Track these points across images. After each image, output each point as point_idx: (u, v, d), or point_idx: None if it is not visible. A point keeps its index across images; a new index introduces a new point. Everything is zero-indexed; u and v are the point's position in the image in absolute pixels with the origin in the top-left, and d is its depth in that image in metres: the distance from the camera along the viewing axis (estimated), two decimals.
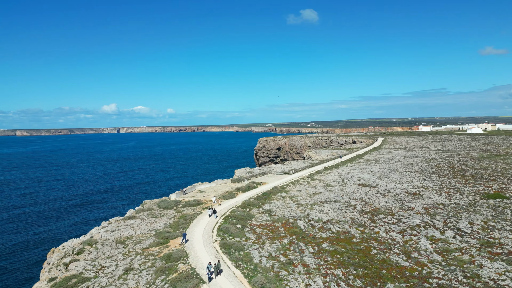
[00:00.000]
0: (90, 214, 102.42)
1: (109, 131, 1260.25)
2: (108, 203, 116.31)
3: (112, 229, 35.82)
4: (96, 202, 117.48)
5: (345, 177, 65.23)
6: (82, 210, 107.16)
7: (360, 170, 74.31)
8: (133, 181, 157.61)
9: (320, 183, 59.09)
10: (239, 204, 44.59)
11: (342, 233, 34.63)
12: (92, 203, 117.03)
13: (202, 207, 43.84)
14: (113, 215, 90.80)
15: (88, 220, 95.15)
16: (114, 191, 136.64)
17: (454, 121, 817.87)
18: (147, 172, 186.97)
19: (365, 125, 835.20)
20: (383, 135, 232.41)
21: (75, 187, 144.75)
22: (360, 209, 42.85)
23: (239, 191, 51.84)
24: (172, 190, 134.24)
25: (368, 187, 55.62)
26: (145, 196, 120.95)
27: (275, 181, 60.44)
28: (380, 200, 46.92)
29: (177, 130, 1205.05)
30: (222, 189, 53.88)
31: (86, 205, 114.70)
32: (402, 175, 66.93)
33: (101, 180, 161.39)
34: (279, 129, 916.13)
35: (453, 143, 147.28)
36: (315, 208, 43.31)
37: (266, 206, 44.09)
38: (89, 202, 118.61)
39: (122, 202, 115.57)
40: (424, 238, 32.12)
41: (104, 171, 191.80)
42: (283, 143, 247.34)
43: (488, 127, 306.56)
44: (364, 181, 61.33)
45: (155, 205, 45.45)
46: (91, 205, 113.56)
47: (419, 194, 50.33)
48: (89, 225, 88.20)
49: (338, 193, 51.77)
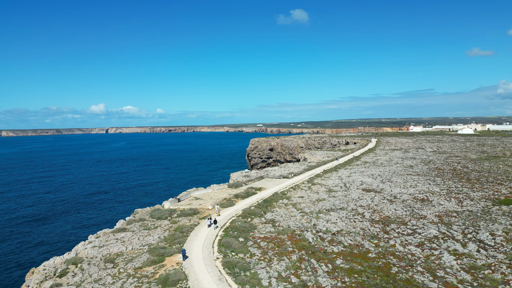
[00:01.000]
0: (74, 224, 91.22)
1: (97, 131, 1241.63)
2: (96, 211, 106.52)
3: (100, 244, 32.14)
4: (82, 211, 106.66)
5: (347, 181, 62.49)
6: (65, 220, 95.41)
7: (360, 173, 71.75)
8: (122, 185, 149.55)
9: (322, 188, 56.17)
10: (239, 213, 41.28)
11: (355, 246, 31.64)
12: (77, 211, 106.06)
13: (199, 216, 40.39)
14: (100, 226, 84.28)
15: (72, 232, 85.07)
16: (102, 197, 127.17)
17: (442, 121, 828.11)
18: (137, 174, 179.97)
19: (355, 125, 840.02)
20: (376, 136, 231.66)
21: (57, 192, 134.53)
22: (369, 218, 39.99)
23: (238, 197, 48.51)
24: (164, 195, 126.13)
25: (373, 192, 52.91)
26: (135, 203, 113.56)
27: (274, 186, 57.30)
28: (389, 207, 44.18)
29: (167, 130, 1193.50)
30: (219, 195, 50.48)
31: (69, 214, 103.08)
32: (405, 178, 64.53)
33: (87, 184, 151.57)
34: (269, 130, 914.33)
35: (447, 144, 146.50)
36: (321, 217, 40.28)
37: (269, 215, 40.88)
38: (73, 210, 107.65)
39: (111, 211, 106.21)
40: (446, 253, 29.32)
41: (91, 174, 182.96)
42: (276, 144, 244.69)
43: (477, 128, 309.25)
44: (367, 185, 58.66)
45: (148, 214, 41.80)
46: (75, 215, 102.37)
47: (427, 200, 47.79)
48: (76, 235, 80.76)
49: (343, 199, 48.88)
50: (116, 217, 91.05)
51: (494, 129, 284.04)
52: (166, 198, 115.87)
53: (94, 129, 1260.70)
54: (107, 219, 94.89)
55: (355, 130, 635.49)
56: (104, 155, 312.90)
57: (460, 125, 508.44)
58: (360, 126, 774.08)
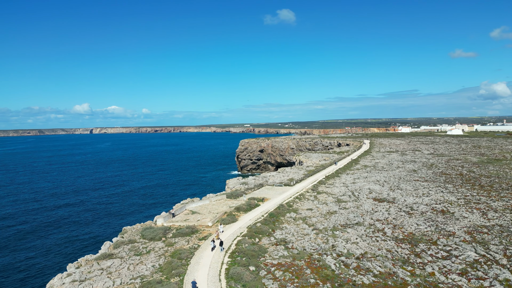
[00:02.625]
0: (50, 247, 74.29)
1: (81, 131, 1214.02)
2: (76, 228, 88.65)
3: (81, 277, 26.43)
4: (61, 228, 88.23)
5: (354, 189, 58.00)
6: (37, 242, 77.98)
7: (364, 179, 67.46)
8: (107, 193, 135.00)
9: (330, 198, 51.45)
10: (244, 231, 36.08)
11: (387, 275, 26.86)
12: (53, 229, 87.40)
13: (198, 236, 34.99)
14: (82, 249, 71.72)
15: (46, 259, 67.71)
16: (83, 209, 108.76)
17: (426, 121, 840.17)
18: (123, 180, 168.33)
19: (341, 125, 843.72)
20: (367, 137, 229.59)
21: (30, 205, 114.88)
22: (392, 236, 35.39)
23: (240, 211, 43.28)
24: (155, 206, 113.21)
25: (386, 203, 48.47)
26: (123, 216, 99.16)
27: (277, 196, 52.29)
28: (409, 222, 39.70)
29: (153, 130, 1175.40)
30: (218, 208, 45.12)
31: (42, 234, 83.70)
32: (414, 185, 60.47)
33: (66, 194, 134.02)
34: (257, 130, 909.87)
35: (442, 145, 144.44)
36: (338, 235, 35.46)
37: (278, 234, 35.81)
38: (48, 228, 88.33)
39: (94, 228, 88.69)
40: (498, 284, 24.83)
41: (72, 180, 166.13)
42: (266, 145, 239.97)
43: (465, 128, 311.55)
44: (377, 194, 54.26)
45: (138, 234, 36.16)
46: (51, 234, 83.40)
47: (447, 211, 43.59)
48: (52, 262, 65.31)
49: (355, 211, 44.24)
50: (100, 236, 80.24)
51: (482, 129, 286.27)
52: (157, 210, 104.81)
53: (78, 129, 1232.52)
54: (89, 238, 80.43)
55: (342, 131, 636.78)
56: (88, 157, 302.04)
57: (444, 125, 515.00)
58: (347, 127, 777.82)
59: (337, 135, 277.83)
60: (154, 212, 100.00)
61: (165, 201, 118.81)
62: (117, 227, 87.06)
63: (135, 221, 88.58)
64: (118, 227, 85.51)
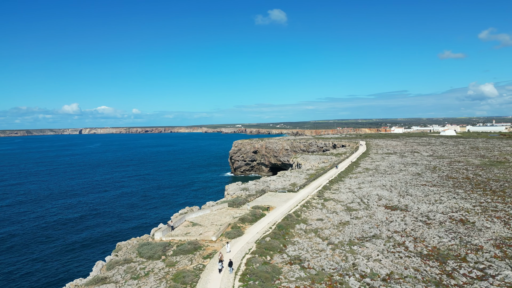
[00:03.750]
0: (31, 269, 63.70)
1: (70, 132, 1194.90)
2: (62, 243, 77.65)
3: None
4: (43, 243, 77.42)
5: (361, 195, 54.95)
6: (16, 257, 68.56)
7: (370, 184, 64.55)
8: (96, 200, 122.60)
9: (338, 206, 48.25)
10: (252, 247, 32.58)
11: None
12: (35, 244, 76.44)
13: (202, 254, 31.34)
14: (70, 270, 62.18)
15: (26, 282, 58.86)
16: (69, 218, 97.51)
17: (416, 122, 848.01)
18: (114, 184, 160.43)
19: (333, 126, 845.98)
20: (362, 138, 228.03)
21: (10, 211, 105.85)
22: (415, 250, 32.30)
23: (245, 222, 39.73)
24: (149, 213, 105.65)
25: (399, 211, 45.47)
26: (114, 226, 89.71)
27: (282, 204, 48.89)
28: (429, 233, 36.70)
29: (143, 131, 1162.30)
30: (220, 219, 41.49)
31: (21, 250, 72.60)
32: (423, 191, 57.72)
33: (52, 201, 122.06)
34: (249, 130, 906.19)
35: (440, 147, 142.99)
36: (357, 250, 32.21)
37: (291, 250, 32.39)
38: (29, 243, 77.34)
39: (82, 242, 78.41)
40: None
41: (60, 185, 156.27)
42: (260, 146, 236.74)
43: (457, 129, 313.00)
44: (387, 200, 51.29)
45: (134, 251, 32.34)
46: (32, 252, 71.98)
47: (467, 221, 40.76)
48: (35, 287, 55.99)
49: (369, 221, 41.10)
50: (92, 253, 71.18)
51: (474, 130, 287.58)
52: (152, 219, 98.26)
53: (67, 129, 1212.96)
54: (79, 255, 70.21)
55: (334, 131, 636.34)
56: (76, 159, 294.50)
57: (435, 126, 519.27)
58: (338, 127, 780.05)
59: (331, 136, 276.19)
60: (149, 221, 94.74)
61: (160, 206, 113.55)
62: (110, 240, 79.51)
63: (129, 232, 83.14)
64: (111, 240, 78.62)
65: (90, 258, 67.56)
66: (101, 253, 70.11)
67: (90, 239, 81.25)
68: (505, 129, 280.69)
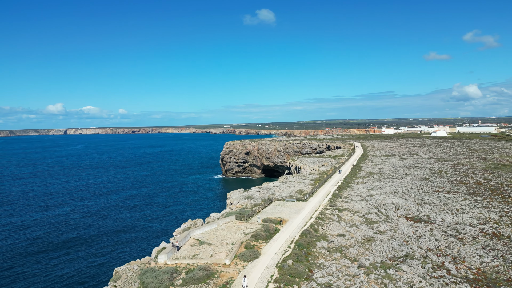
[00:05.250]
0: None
1: (55, 132, 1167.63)
2: (47, 270, 64.56)
3: None
4: (28, 271, 64.52)
5: (376, 204, 51.12)
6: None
7: (380, 190, 60.90)
8: (84, 209, 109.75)
9: (356, 218, 44.21)
10: (274, 273, 28.13)
11: None
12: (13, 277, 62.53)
13: (217, 283, 26.69)
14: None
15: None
16: (52, 232, 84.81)
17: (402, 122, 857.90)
18: (100, 190, 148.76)
19: (321, 126, 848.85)
20: (354, 139, 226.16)
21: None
22: (459, 274, 28.41)
23: (258, 240, 35.24)
24: (146, 229, 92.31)
25: (423, 223, 41.71)
26: (106, 241, 78.77)
27: (294, 215, 44.60)
28: (467, 251, 32.94)
29: (130, 131, 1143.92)
30: (230, 235, 36.88)
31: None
32: (439, 198, 54.31)
33: (32, 212, 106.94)
34: (237, 131, 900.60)
35: (437, 149, 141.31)
36: (394, 276, 28.11)
37: (319, 276, 28.05)
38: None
39: (70, 267, 65.69)
40: None
41: (40, 194, 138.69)
42: (252, 148, 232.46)
43: (447, 130, 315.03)
44: (405, 210, 47.55)
45: (136, 280, 27.48)
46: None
47: (501, 235, 37.25)
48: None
49: (395, 236, 37.16)
50: (84, 282, 60.04)
51: (464, 131, 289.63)
52: (149, 233, 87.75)
53: (52, 130, 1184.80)
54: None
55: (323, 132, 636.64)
56: (60, 161, 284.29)
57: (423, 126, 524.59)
58: (327, 128, 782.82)
59: (323, 137, 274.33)
60: (145, 235, 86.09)
61: (156, 217, 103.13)
62: (104, 262, 68.27)
63: (125, 251, 73.73)
64: (105, 263, 67.13)
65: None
66: (96, 283, 58.74)
67: (79, 262, 68.42)
68: (494, 130, 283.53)
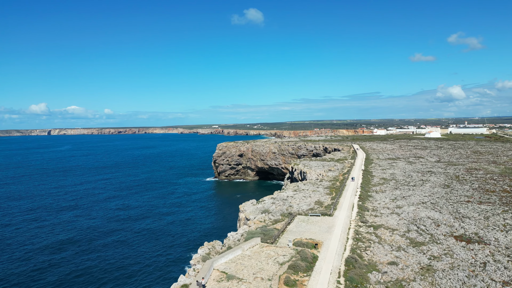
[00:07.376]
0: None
1: (38, 133, 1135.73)
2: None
3: None
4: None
5: (411, 219, 45.58)
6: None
7: (405, 201, 55.56)
8: (68, 226, 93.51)
9: (396, 237, 38.49)
10: None
11: None
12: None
13: None
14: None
15: None
16: (29, 259, 73.30)
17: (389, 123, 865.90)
18: (87, 198, 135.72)
19: (309, 127, 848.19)
20: (349, 140, 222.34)
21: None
22: None
23: (298, 272, 29.08)
24: (148, 252, 79.59)
25: (477, 244, 36.30)
26: (101, 273, 68.11)
27: (326, 235, 38.58)
28: None
29: (116, 132, 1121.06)
30: (261, 265, 30.61)
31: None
32: (475, 210, 49.22)
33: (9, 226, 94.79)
34: (226, 131, 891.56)
35: (441, 151, 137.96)
36: None
37: None
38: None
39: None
40: None
41: (18, 208, 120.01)
42: (246, 149, 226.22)
43: (439, 130, 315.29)
44: (447, 227, 42.15)
45: None
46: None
47: None
48: None
49: (457, 264, 31.54)
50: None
51: (456, 132, 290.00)
52: (158, 261, 74.06)
53: (35, 130, 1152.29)
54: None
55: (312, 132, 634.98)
56: (42, 163, 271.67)
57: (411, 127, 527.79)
58: (316, 128, 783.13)
59: (317, 138, 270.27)
60: (149, 261, 73.83)
61: (158, 236, 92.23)
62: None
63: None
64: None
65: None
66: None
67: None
68: (487, 131, 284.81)
